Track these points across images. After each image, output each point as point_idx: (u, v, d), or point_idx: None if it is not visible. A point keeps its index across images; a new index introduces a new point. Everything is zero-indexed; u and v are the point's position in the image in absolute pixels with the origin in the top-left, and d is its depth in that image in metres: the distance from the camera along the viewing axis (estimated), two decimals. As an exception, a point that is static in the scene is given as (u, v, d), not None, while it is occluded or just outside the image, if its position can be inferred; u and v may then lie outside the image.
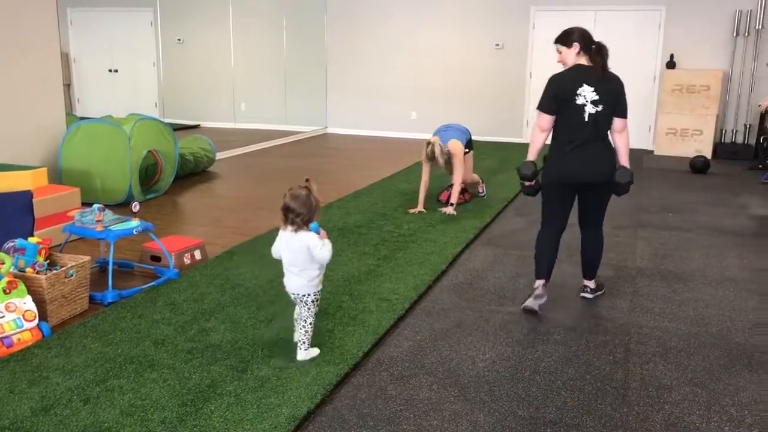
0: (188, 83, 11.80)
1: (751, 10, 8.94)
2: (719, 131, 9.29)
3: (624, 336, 3.29)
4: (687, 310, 3.64)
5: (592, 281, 3.82)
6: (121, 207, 5.39)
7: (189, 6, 11.43)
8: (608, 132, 3.50)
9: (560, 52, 3.53)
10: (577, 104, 3.40)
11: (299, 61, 11.27)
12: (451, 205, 5.59)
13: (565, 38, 3.49)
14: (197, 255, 4.28)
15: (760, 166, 8.01)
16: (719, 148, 9.12)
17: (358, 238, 4.85)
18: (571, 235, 3.84)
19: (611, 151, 3.51)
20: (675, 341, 3.24)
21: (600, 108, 3.39)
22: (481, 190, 6.29)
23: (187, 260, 4.19)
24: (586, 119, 3.40)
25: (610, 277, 4.14)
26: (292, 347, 3.01)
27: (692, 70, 9.17)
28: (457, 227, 5.19)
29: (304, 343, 2.95)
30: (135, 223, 3.90)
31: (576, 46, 3.45)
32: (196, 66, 11.63)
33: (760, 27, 8.91)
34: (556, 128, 3.51)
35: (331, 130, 11.44)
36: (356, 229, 5.08)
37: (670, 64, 9.27)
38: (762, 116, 8.67)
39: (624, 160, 3.52)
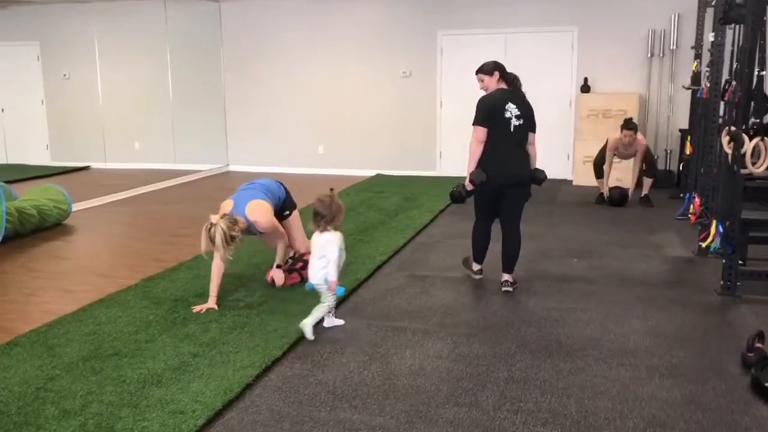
0: (77, 122, 10.79)
1: (664, 30, 8.46)
2: (640, 158, 8.71)
3: (478, 455, 2.49)
4: (569, 404, 2.85)
5: (511, 275, 4.38)
6: None
7: (73, 38, 10.45)
8: (525, 141, 4.26)
9: (483, 80, 4.31)
10: (506, 117, 4.17)
11: (194, 94, 10.37)
12: (279, 266, 4.39)
13: (486, 69, 4.30)
14: (-40, 352, 3.34)
15: (681, 195, 7.43)
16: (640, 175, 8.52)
17: (186, 314, 3.95)
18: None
19: (528, 157, 4.28)
20: (544, 459, 2.45)
21: (521, 122, 4.19)
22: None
23: (-56, 361, 3.24)
24: (512, 130, 4.18)
25: (483, 355, 3.35)
26: None
27: (607, 94, 8.60)
28: (322, 290, 4.35)
29: (330, 314, 3.71)
30: None
31: (496, 75, 4.27)
32: (83, 103, 10.62)
33: (675, 47, 8.43)
34: (487, 139, 4.20)
35: (233, 167, 10.53)
36: (193, 300, 4.18)
37: (585, 88, 8.69)
38: (682, 141, 8.14)
39: (535, 164, 4.32)
